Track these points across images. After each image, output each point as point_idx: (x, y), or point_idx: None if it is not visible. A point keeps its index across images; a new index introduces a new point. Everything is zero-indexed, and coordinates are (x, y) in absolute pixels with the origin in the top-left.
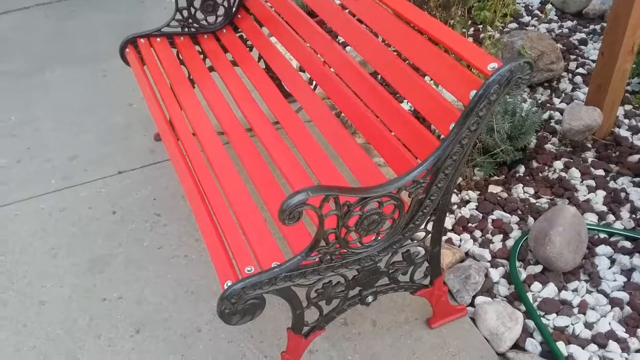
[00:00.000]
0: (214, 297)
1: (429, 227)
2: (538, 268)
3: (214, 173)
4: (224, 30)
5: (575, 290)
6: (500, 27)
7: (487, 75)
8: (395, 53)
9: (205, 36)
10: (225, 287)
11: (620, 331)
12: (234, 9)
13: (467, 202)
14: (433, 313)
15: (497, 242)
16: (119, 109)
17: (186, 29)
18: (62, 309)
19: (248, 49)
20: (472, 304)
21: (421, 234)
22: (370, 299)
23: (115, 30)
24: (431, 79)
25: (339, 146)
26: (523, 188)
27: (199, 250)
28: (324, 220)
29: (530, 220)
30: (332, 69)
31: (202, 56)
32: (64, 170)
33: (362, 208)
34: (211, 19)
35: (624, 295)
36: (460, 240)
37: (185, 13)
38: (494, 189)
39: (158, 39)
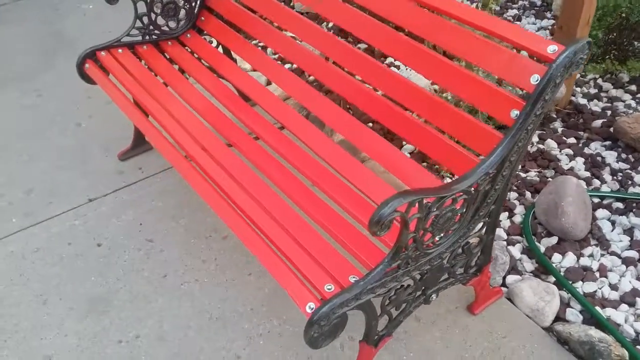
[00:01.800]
0: (243, 319)
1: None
2: (553, 239)
3: (238, 186)
4: (188, 35)
5: (591, 255)
6: None
7: (548, 59)
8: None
9: (169, 42)
10: (310, 311)
11: None
12: (195, 10)
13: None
14: (475, 299)
15: (504, 219)
16: (66, 130)
17: (147, 37)
18: None
19: (221, 50)
20: (503, 284)
21: (478, 224)
22: (434, 296)
23: (37, 43)
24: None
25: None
26: None
27: (209, 272)
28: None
29: (528, 194)
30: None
31: (171, 63)
32: (22, 206)
33: (439, 207)
34: (172, 24)
35: (634, 254)
36: None
37: (145, 20)
38: None
39: (120, 50)
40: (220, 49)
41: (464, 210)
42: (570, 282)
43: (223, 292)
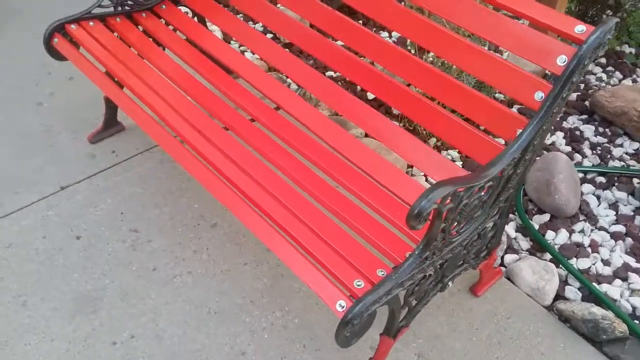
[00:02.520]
0: (243, 312)
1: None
2: (545, 217)
3: (240, 170)
4: (163, 6)
5: (581, 231)
6: None
7: (575, 40)
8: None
9: (143, 14)
10: (341, 309)
11: (632, 262)
12: None
13: (453, 161)
14: (479, 281)
15: None
16: (26, 111)
17: (120, 8)
18: None
19: (198, 21)
20: (501, 264)
21: (496, 209)
22: (450, 284)
23: None
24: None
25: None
26: None
27: (201, 262)
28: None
29: None
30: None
31: (147, 36)
32: None
33: (469, 196)
34: None
35: (621, 228)
36: None
37: None
38: None
39: (91, 23)
40: (195, 20)
41: (488, 196)
42: (566, 259)
43: (219, 284)
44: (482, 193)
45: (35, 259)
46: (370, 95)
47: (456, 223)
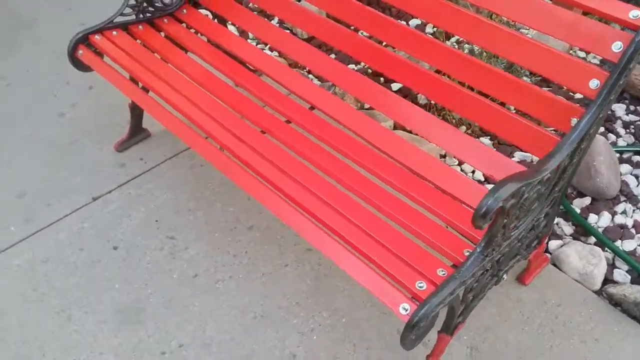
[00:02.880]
0: (289, 314)
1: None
2: (586, 200)
3: (282, 173)
4: (184, 10)
5: (623, 212)
6: None
7: (630, 26)
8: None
9: (165, 20)
10: (405, 313)
11: None
12: None
13: None
14: (527, 269)
15: None
16: (48, 122)
17: (141, 15)
18: None
19: (219, 22)
20: (546, 250)
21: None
22: (505, 276)
23: None
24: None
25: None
26: None
27: (242, 266)
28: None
29: None
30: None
31: (172, 42)
32: (18, 211)
33: (529, 190)
34: None
35: None
36: None
37: None
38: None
39: (114, 32)
40: (216, 21)
41: (545, 188)
42: (611, 242)
43: (262, 288)
44: (540, 186)
45: (75, 273)
46: (395, 86)
47: (515, 218)
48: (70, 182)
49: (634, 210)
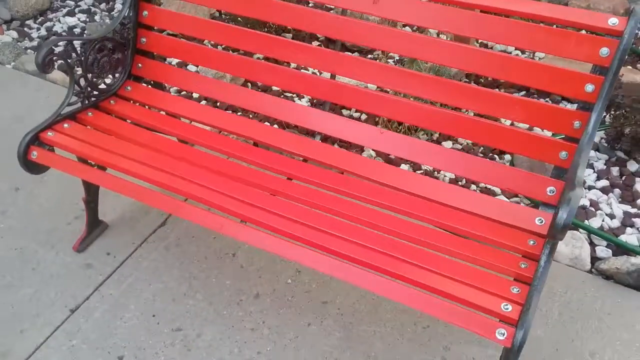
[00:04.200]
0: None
1: None
2: None
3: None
4: (128, 87)
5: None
6: None
7: (612, 32)
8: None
9: (112, 101)
10: (503, 338)
11: (629, 209)
12: (127, 56)
13: None
14: None
15: None
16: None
17: (87, 101)
18: None
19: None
20: None
21: None
22: None
23: None
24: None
25: None
26: None
27: (266, 339)
28: None
29: None
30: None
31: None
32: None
33: None
34: (108, 80)
35: (605, 182)
36: None
37: (82, 81)
38: None
39: (65, 125)
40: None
41: None
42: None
43: (295, 354)
44: None
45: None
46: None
47: None
48: (37, 299)
49: (585, 192)
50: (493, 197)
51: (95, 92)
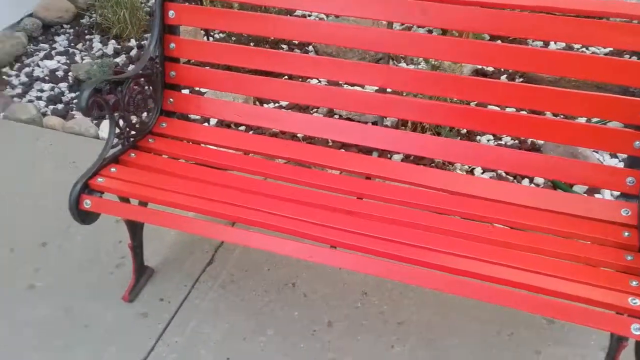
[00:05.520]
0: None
1: None
2: None
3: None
4: (163, 124)
5: None
6: None
7: None
8: None
9: (150, 139)
10: (638, 333)
11: None
12: (158, 91)
13: None
14: None
15: None
16: (18, 299)
17: (126, 142)
18: None
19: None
20: None
21: None
22: None
23: None
24: None
25: None
26: None
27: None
28: None
29: None
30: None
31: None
32: None
33: None
34: (144, 117)
35: None
36: None
37: (121, 122)
38: None
39: (113, 169)
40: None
41: None
42: None
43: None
44: None
45: None
46: None
47: None
48: (99, 358)
49: None
50: (572, 194)
51: (133, 132)
